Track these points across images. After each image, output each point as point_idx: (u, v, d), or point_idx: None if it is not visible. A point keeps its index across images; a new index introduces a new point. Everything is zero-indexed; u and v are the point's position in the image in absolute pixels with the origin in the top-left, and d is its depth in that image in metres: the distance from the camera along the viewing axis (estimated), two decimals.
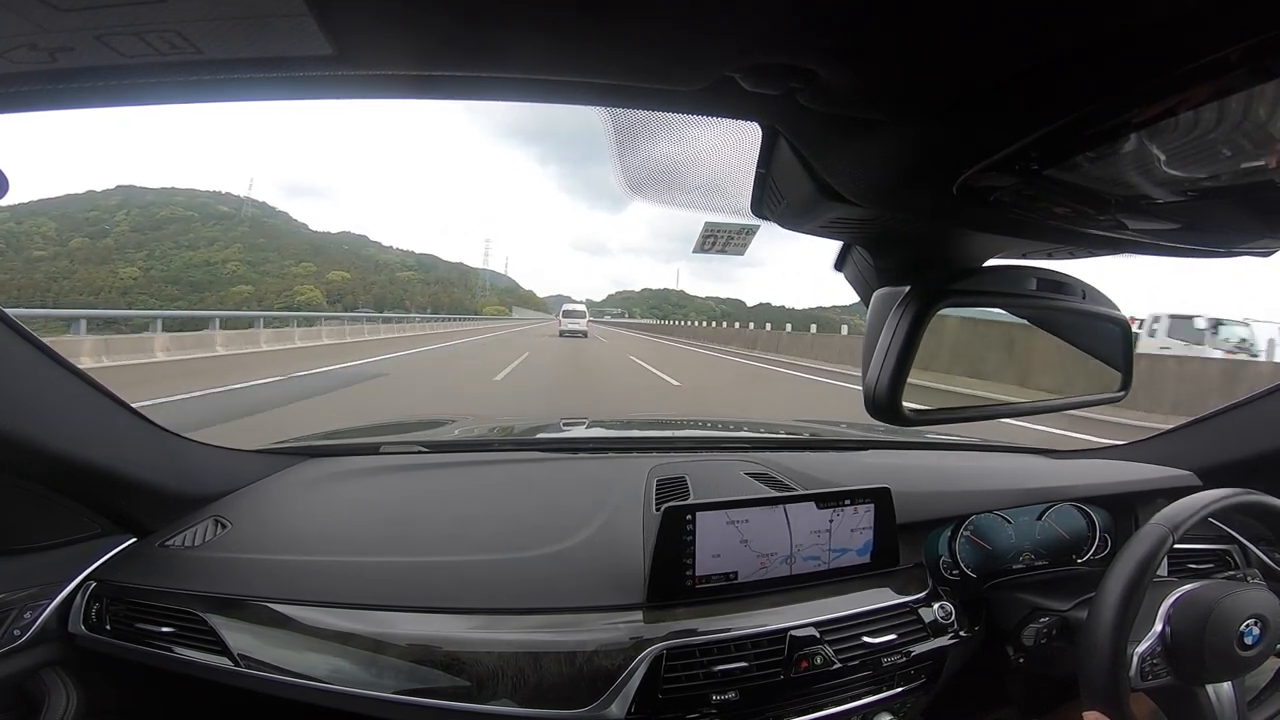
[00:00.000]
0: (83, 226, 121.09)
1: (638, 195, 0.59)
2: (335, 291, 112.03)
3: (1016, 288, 0.60)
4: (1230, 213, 0.45)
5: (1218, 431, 1.25)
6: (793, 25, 0.31)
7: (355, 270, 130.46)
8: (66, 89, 0.36)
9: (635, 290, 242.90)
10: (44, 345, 0.73)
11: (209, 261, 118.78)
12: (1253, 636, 0.76)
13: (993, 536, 1.10)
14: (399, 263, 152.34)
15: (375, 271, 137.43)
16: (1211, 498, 0.81)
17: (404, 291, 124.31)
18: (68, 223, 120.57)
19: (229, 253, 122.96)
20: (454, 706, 0.75)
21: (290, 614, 0.80)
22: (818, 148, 0.45)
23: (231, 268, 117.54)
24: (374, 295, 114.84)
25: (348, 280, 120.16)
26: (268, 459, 1.16)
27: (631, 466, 1.15)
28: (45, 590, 0.84)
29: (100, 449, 0.81)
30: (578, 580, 0.85)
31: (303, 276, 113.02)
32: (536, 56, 0.35)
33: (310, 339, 15.94)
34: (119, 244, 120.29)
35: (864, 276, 0.64)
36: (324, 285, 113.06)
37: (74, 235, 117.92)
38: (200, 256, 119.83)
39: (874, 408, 0.56)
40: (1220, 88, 0.28)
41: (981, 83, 0.34)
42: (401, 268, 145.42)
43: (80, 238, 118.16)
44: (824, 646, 0.83)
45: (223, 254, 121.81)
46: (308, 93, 0.38)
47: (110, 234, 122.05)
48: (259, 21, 0.30)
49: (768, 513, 0.87)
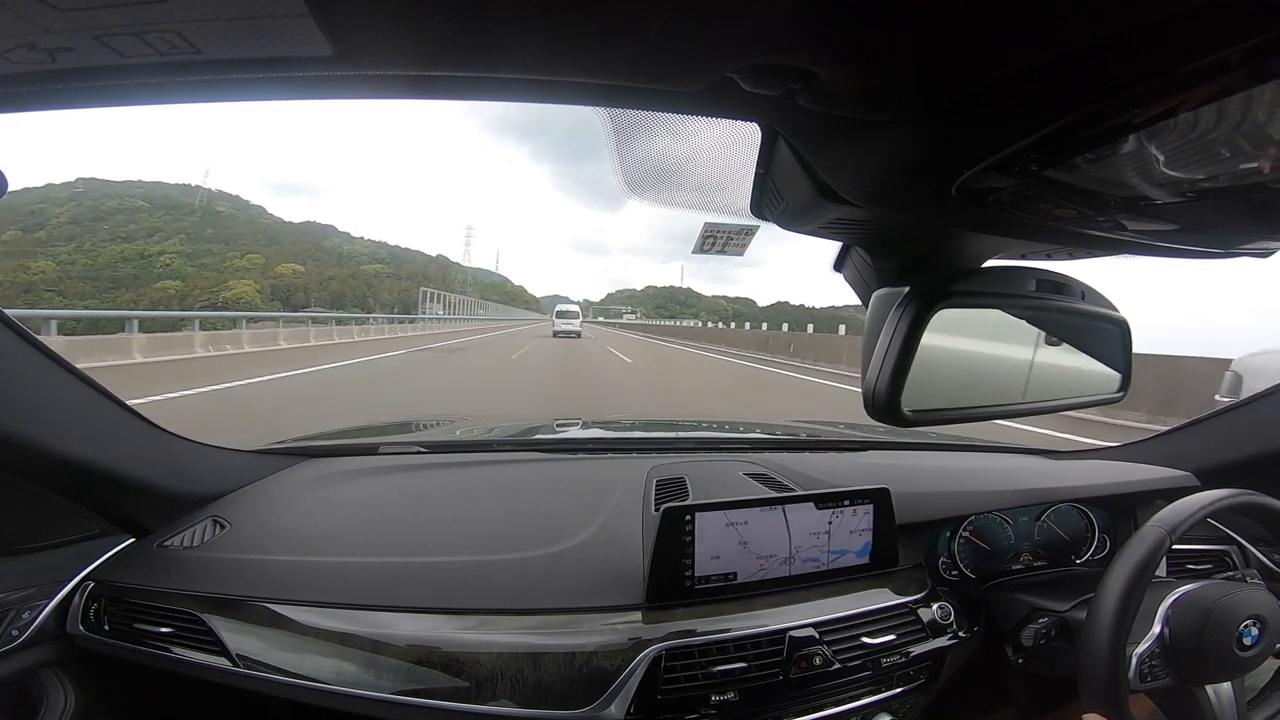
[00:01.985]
0: (25, 219, 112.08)
1: (637, 195, 0.59)
2: (284, 287, 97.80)
3: (1016, 288, 0.60)
4: (1229, 214, 0.45)
5: (1216, 432, 1.25)
6: (792, 26, 0.31)
7: (313, 263, 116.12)
8: (66, 89, 0.36)
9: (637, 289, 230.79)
10: (44, 346, 0.73)
11: (143, 254, 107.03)
12: (1251, 637, 0.76)
13: (992, 537, 1.10)
14: (366, 255, 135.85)
15: (337, 264, 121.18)
16: (1210, 498, 0.81)
17: (367, 287, 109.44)
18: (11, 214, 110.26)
19: (167, 245, 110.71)
20: (453, 707, 0.75)
21: (289, 614, 0.80)
22: (817, 148, 0.45)
23: (165, 261, 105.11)
24: (330, 292, 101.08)
25: (300, 274, 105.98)
26: (266, 459, 1.16)
27: (631, 467, 1.15)
28: (44, 590, 0.84)
29: (99, 449, 0.81)
30: (577, 581, 0.85)
31: (245, 270, 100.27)
32: (536, 57, 0.35)
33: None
34: (51, 236, 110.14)
35: (863, 277, 0.64)
36: (270, 280, 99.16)
37: (10, 229, 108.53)
38: (134, 249, 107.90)
39: (873, 408, 0.56)
40: (1220, 88, 0.28)
41: (981, 84, 0.34)
42: (369, 260, 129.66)
43: (14, 231, 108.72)
44: (823, 647, 0.83)
45: (159, 246, 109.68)
46: (306, 93, 0.38)
47: (45, 226, 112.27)
48: (258, 22, 0.30)
49: (767, 513, 0.87)
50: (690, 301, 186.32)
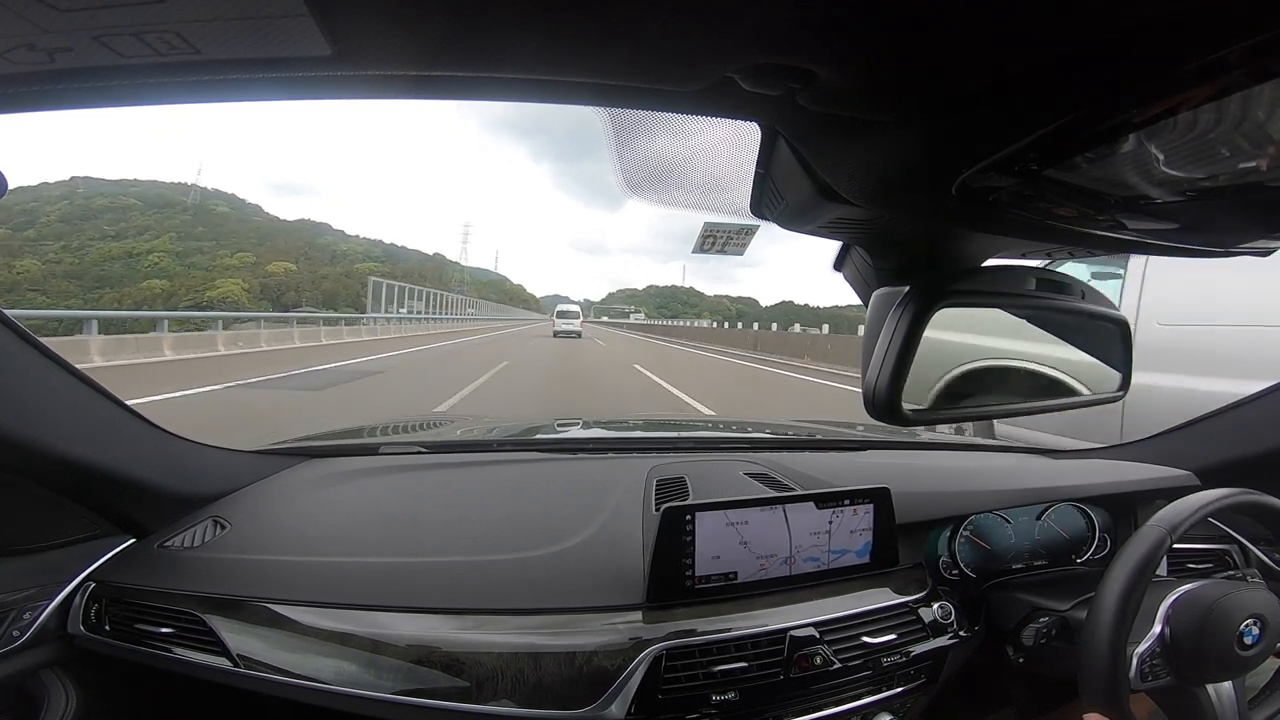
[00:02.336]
0: (16, 218, 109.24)
1: (636, 195, 0.59)
2: (275, 286, 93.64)
3: (1016, 288, 0.60)
4: (1229, 213, 0.45)
5: (1217, 431, 1.25)
6: (792, 25, 0.31)
7: (305, 261, 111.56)
8: (65, 89, 0.36)
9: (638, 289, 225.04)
10: (44, 346, 0.73)
11: (131, 253, 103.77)
12: (1252, 636, 0.76)
13: (992, 536, 1.10)
14: (361, 253, 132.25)
15: (330, 263, 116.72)
16: (1210, 498, 0.81)
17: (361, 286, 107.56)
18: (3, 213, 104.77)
19: (157, 243, 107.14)
20: (453, 707, 0.75)
21: (289, 615, 0.80)
22: (817, 148, 0.45)
23: (153, 259, 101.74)
24: (324, 291, 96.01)
25: (292, 273, 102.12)
26: (267, 459, 1.16)
27: (631, 467, 1.15)
28: (44, 591, 0.84)
29: (99, 449, 0.81)
30: (577, 580, 0.85)
31: (235, 269, 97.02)
32: (535, 57, 0.35)
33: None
34: (40, 235, 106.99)
35: (863, 276, 0.64)
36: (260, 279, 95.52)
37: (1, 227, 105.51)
38: (123, 248, 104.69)
39: (874, 408, 0.56)
40: (1220, 88, 0.28)
41: (981, 83, 0.34)
42: (364, 258, 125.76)
43: (4, 230, 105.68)
44: (824, 646, 0.83)
45: (148, 245, 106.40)
46: (306, 93, 0.38)
47: (35, 225, 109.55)
48: (258, 22, 0.30)
49: (767, 513, 0.87)
50: (693, 301, 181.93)
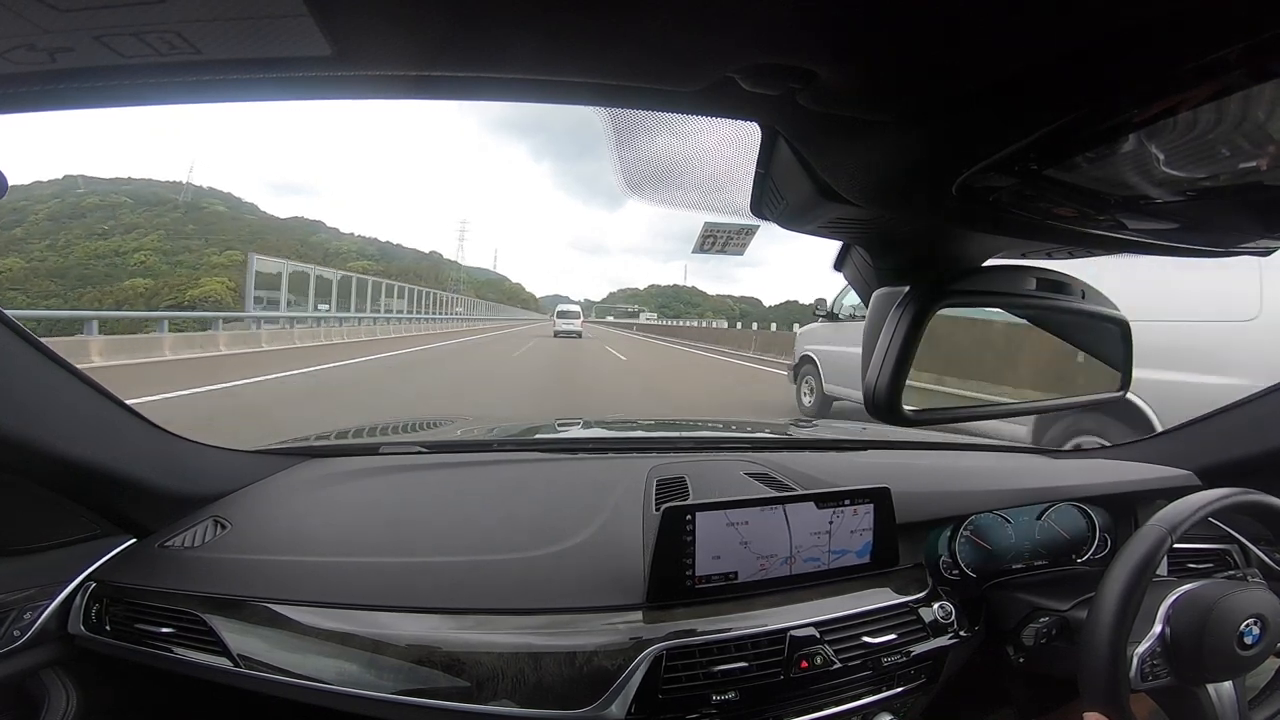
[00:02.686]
0: (6, 216, 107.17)
1: (636, 194, 0.59)
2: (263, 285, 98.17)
3: (1016, 288, 0.60)
4: (1229, 212, 0.45)
5: (1217, 431, 1.25)
6: (792, 25, 0.31)
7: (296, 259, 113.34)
8: (65, 89, 0.36)
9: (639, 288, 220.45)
10: (44, 346, 0.73)
11: (117, 251, 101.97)
12: (1253, 636, 0.76)
13: (993, 536, 1.10)
14: (354, 251, 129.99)
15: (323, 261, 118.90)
16: (1210, 497, 0.81)
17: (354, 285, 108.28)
18: None
19: (144, 241, 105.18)
20: (454, 707, 0.75)
21: (290, 615, 0.80)
22: (817, 148, 0.45)
23: (139, 258, 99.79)
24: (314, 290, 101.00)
25: None
26: (267, 459, 1.16)
27: (631, 467, 1.15)
28: (45, 591, 0.84)
29: (100, 449, 0.81)
30: (578, 581, 0.85)
31: (222, 267, 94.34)
32: (536, 56, 0.35)
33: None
34: (28, 234, 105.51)
35: (863, 276, 0.64)
36: None
37: None
38: (109, 246, 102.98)
39: (874, 408, 0.56)
40: (1219, 88, 0.28)
41: (981, 83, 0.34)
42: (358, 256, 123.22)
43: None
44: (824, 646, 0.83)
45: (135, 243, 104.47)
46: (306, 93, 0.38)
47: (24, 223, 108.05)
48: (258, 22, 0.30)
49: (767, 513, 0.87)
50: (695, 301, 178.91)
